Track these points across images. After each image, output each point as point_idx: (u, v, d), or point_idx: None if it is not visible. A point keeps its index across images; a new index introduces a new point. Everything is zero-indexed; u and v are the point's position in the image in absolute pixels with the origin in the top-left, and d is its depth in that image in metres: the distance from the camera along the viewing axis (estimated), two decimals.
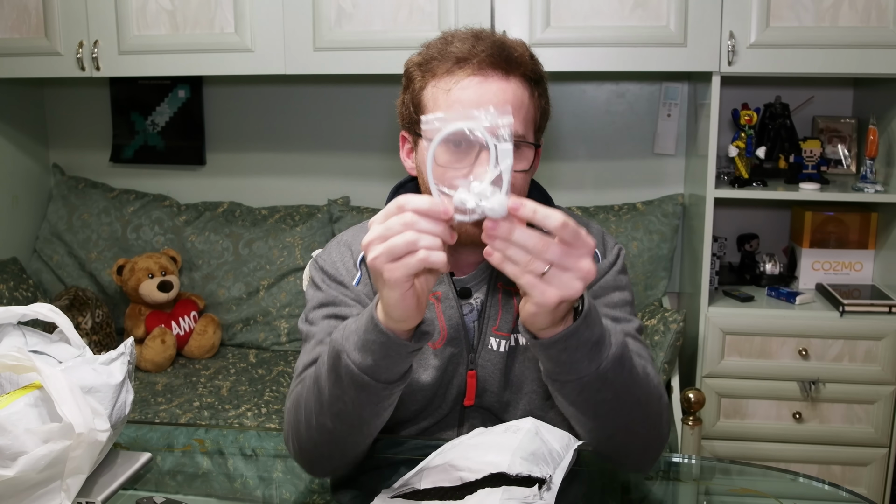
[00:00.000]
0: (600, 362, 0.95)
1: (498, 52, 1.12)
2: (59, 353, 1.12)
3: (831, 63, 2.16)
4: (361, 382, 0.97)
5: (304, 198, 2.89)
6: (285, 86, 2.85)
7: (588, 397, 0.99)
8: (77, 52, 2.45)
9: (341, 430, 1.04)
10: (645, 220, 2.61)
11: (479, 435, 1.08)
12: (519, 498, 0.91)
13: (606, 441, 1.07)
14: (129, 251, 2.81)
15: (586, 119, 2.75)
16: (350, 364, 0.97)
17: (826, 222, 2.47)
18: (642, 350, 1.16)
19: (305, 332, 1.22)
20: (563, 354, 0.94)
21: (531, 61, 1.16)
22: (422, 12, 2.28)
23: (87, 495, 1.01)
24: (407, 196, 0.86)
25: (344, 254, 1.26)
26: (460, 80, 1.12)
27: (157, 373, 2.57)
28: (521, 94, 1.13)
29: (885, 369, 2.24)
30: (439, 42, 1.17)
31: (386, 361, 0.96)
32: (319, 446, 1.08)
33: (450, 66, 1.13)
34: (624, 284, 1.25)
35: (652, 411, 1.07)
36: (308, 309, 1.24)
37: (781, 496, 1.12)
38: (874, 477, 2.30)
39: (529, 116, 1.15)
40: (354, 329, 0.98)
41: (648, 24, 2.21)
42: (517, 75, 1.13)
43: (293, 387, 1.15)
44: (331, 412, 1.03)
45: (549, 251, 0.83)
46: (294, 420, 1.10)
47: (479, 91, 1.12)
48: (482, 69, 1.12)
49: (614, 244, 1.28)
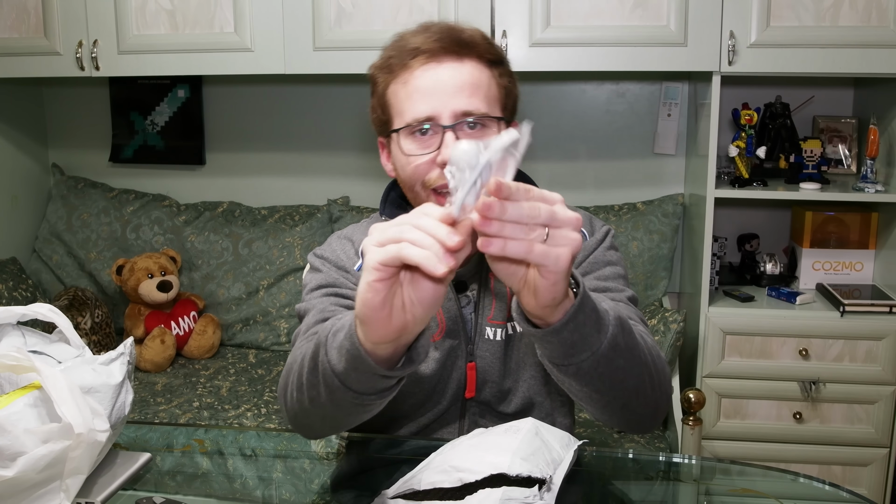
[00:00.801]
0: (608, 328, 0.93)
1: (447, 37, 1.15)
2: (59, 354, 1.11)
3: (831, 63, 2.16)
4: (332, 385, 0.93)
5: (304, 198, 2.89)
6: (285, 86, 2.85)
7: (603, 371, 0.95)
8: (76, 51, 2.45)
9: (317, 414, 1.02)
10: (645, 220, 2.61)
11: (479, 435, 1.08)
12: (519, 498, 0.91)
13: (621, 410, 1.05)
14: (129, 251, 2.81)
15: (586, 119, 2.75)
16: (326, 362, 0.93)
17: (826, 222, 2.47)
18: (633, 314, 1.16)
19: (303, 309, 1.18)
20: (574, 333, 0.90)
21: (485, 42, 1.18)
22: (422, 12, 2.28)
23: (86, 495, 1.01)
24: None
25: (344, 245, 1.27)
26: (415, 70, 1.15)
27: (157, 373, 2.56)
28: (477, 74, 1.16)
29: (885, 369, 2.24)
30: (394, 41, 1.20)
31: (356, 374, 0.89)
32: (300, 417, 1.07)
33: (405, 60, 1.16)
34: (615, 260, 1.25)
35: (659, 368, 1.07)
36: (305, 292, 1.22)
37: (782, 496, 1.11)
38: (874, 477, 2.29)
39: (491, 94, 1.17)
40: (342, 328, 0.91)
41: (648, 23, 2.21)
42: (471, 57, 1.16)
43: (292, 350, 1.13)
44: (308, 396, 1.00)
45: (541, 213, 0.78)
46: (285, 384, 1.09)
47: (434, 76, 1.14)
48: (435, 56, 1.14)
49: (602, 225, 1.29)
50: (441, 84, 1.14)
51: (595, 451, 1.20)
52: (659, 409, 1.10)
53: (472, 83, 1.14)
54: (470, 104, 1.14)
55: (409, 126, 1.16)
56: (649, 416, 1.10)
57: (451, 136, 1.13)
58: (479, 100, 1.14)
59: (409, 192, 1.22)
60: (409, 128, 1.16)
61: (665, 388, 1.10)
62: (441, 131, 1.14)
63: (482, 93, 1.15)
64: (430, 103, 1.14)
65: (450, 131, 1.13)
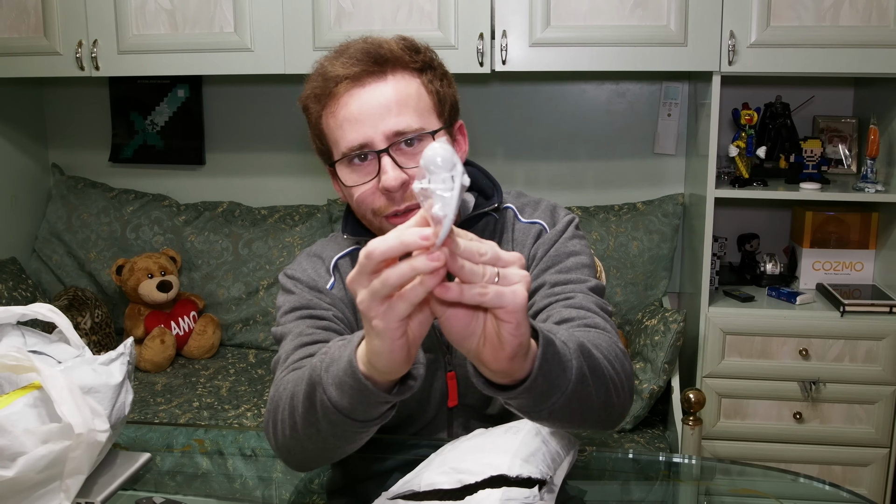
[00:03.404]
0: (571, 364, 0.88)
1: (365, 57, 1.12)
2: (59, 354, 1.11)
3: (832, 63, 2.16)
4: (336, 420, 0.91)
5: (304, 198, 2.89)
6: (285, 86, 2.85)
7: (575, 405, 0.91)
8: (76, 51, 2.45)
9: (315, 448, 1.01)
10: (645, 220, 2.61)
11: (478, 436, 1.08)
12: (519, 499, 0.91)
13: (591, 424, 1.01)
14: (129, 251, 2.81)
15: (586, 119, 2.75)
16: (326, 400, 0.90)
17: (826, 222, 2.47)
18: (592, 304, 1.11)
19: (279, 333, 1.17)
20: (544, 383, 0.84)
21: (407, 52, 1.14)
22: (422, 12, 2.28)
23: (86, 496, 1.01)
24: (373, 242, 0.71)
25: (315, 263, 1.24)
26: (340, 98, 1.12)
27: (157, 373, 2.56)
28: (403, 88, 1.12)
29: (885, 369, 2.24)
30: (316, 69, 1.18)
31: (363, 406, 0.88)
32: (294, 452, 1.04)
33: (329, 88, 1.13)
34: (578, 249, 1.21)
35: (619, 371, 1.02)
36: (280, 314, 1.19)
37: (782, 496, 1.11)
38: (875, 477, 2.29)
39: (422, 106, 1.13)
40: (334, 362, 0.90)
41: (648, 23, 2.21)
42: (394, 72, 1.13)
43: (275, 379, 1.10)
44: (305, 434, 0.98)
45: (486, 252, 0.73)
46: (272, 420, 1.05)
47: (359, 101, 1.11)
48: (358, 79, 1.12)
49: (565, 214, 1.25)
50: (367, 108, 1.10)
51: (595, 451, 1.20)
52: (624, 410, 1.06)
53: (398, 100, 1.11)
54: (400, 122, 1.10)
55: (345, 156, 1.13)
56: (616, 419, 1.05)
57: (388, 160, 1.10)
58: (410, 115, 1.11)
59: (363, 220, 1.19)
60: (345, 158, 1.13)
61: (628, 387, 1.04)
62: (377, 157, 1.11)
63: (411, 107, 1.12)
64: (360, 130, 1.10)
65: (385, 155, 1.10)
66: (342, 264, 1.23)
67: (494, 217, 1.25)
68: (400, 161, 1.11)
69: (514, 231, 1.24)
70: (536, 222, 1.24)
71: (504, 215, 1.26)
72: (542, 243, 1.21)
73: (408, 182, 1.10)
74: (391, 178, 1.09)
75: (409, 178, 1.10)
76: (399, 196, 1.11)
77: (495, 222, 1.25)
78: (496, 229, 1.24)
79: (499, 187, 1.26)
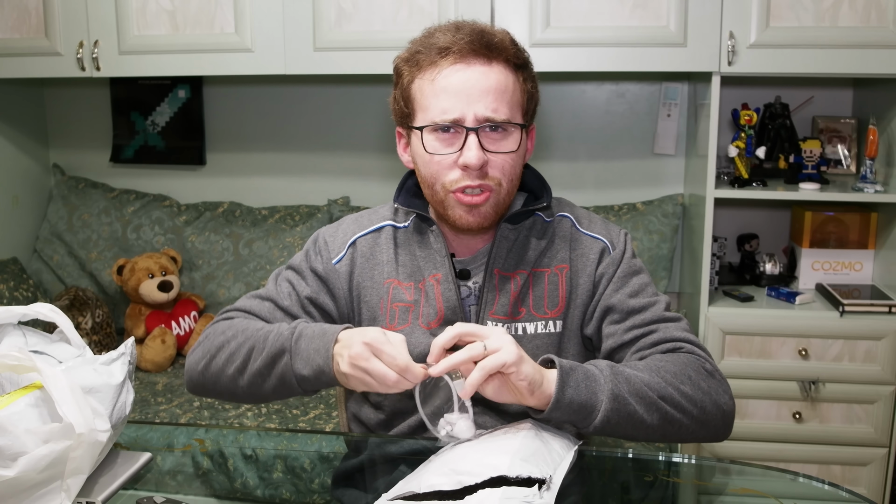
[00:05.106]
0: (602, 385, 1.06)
1: (478, 40, 1.16)
2: (60, 353, 1.12)
3: (831, 63, 2.16)
4: (290, 385, 1.13)
5: (304, 198, 2.89)
6: (285, 86, 2.85)
7: (622, 419, 1.07)
8: (77, 52, 2.45)
9: (246, 392, 1.18)
10: (645, 220, 2.61)
11: (479, 437, 1.08)
12: (519, 498, 0.91)
13: (673, 437, 1.12)
14: (130, 251, 2.81)
15: (586, 119, 2.75)
16: (290, 366, 1.11)
17: (826, 222, 2.47)
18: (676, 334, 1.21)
19: (275, 275, 1.33)
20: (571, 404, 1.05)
21: (513, 47, 1.20)
22: (422, 12, 2.28)
23: (87, 495, 1.01)
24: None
25: (347, 230, 1.32)
26: (443, 69, 1.16)
27: (158, 373, 2.57)
28: (503, 78, 1.18)
29: (884, 369, 2.24)
30: (423, 36, 1.21)
31: (317, 383, 1.12)
32: (215, 386, 1.21)
33: (433, 58, 1.17)
34: (638, 268, 1.30)
35: (694, 389, 1.12)
36: (284, 268, 1.33)
37: (781, 496, 1.12)
38: (874, 477, 2.30)
39: (514, 99, 1.20)
40: (303, 337, 1.11)
41: (648, 24, 2.21)
42: (499, 61, 1.18)
43: (232, 313, 1.26)
44: (247, 381, 1.16)
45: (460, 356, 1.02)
46: (211, 350, 1.20)
47: (463, 77, 1.16)
48: (464, 57, 1.16)
49: (619, 231, 1.33)
50: (469, 86, 1.16)
51: (595, 451, 1.20)
52: (726, 416, 1.17)
53: (498, 87, 1.17)
54: (494, 109, 1.16)
55: (433, 124, 1.17)
56: (714, 431, 1.17)
57: (474, 139, 1.16)
58: (504, 105, 1.17)
59: (426, 189, 1.24)
60: (432, 125, 1.18)
61: (719, 396, 1.15)
62: (464, 132, 1.16)
63: (507, 97, 1.18)
64: (456, 104, 1.16)
65: (472, 134, 1.15)
66: (361, 242, 1.31)
67: (542, 218, 1.31)
68: (484, 143, 1.17)
69: (575, 241, 1.30)
70: (599, 238, 1.31)
71: (561, 223, 1.32)
72: (610, 264, 1.28)
73: (487, 163, 1.17)
74: (473, 157, 1.16)
75: (488, 159, 1.17)
76: (476, 174, 1.18)
77: (544, 224, 1.31)
78: (546, 232, 1.30)
79: (548, 188, 1.32)
